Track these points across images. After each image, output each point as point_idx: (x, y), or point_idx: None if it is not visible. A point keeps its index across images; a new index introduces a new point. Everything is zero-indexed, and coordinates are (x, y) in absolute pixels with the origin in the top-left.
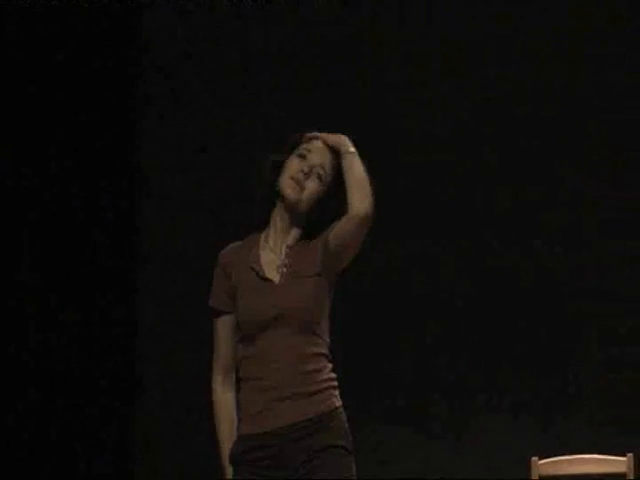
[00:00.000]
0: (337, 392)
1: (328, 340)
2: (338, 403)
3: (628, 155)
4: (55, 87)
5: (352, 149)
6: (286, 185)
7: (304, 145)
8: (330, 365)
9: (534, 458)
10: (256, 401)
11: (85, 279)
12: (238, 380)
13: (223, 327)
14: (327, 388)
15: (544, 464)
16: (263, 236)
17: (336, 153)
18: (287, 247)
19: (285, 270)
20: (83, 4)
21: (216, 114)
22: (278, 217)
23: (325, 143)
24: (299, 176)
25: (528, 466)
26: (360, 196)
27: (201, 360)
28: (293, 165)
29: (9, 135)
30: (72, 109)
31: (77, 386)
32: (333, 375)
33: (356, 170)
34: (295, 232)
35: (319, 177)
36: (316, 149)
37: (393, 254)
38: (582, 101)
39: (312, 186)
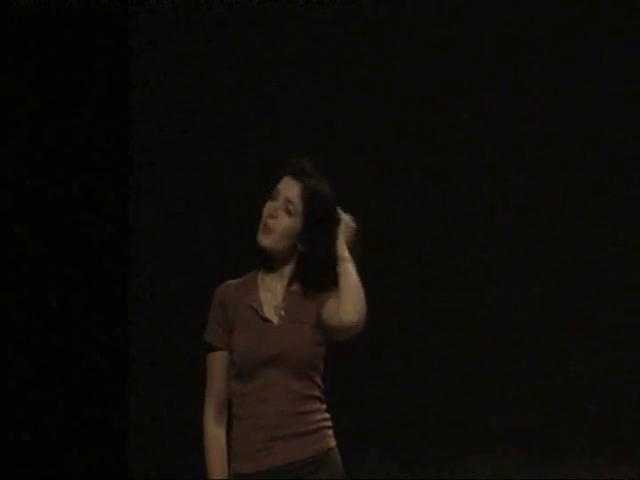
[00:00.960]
0: (331, 432)
1: (322, 386)
2: (333, 443)
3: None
4: (46, 84)
5: (346, 254)
6: (258, 232)
7: (277, 185)
8: (324, 407)
9: None
10: (251, 440)
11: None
12: (231, 417)
13: (217, 362)
14: (322, 428)
15: None
16: (260, 276)
17: (306, 179)
18: (285, 291)
19: (284, 313)
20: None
21: (210, 116)
22: (268, 261)
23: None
24: (267, 221)
25: None
26: (353, 307)
27: (198, 361)
28: (265, 210)
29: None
30: (63, 107)
31: (71, 386)
32: (327, 415)
33: (351, 279)
34: (290, 272)
35: (288, 212)
36: (284, 185)
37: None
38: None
39: (282, 224)
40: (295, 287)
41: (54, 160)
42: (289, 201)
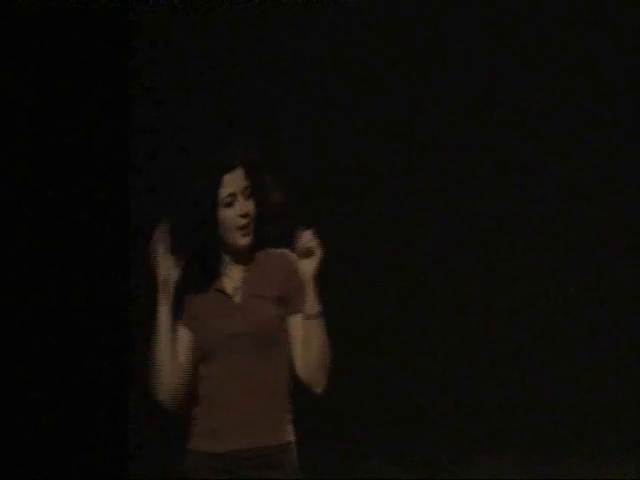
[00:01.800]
0: (292, 426)
1: (289, 371)
2: (292, 437)
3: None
4: (45, 84)
5: (317, 308)
6: (233, 238)
7: (222, 193)
8: (288, 396)
9: None
10: (211, 419)
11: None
12: (194, 398)
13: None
14: (283, 419)
15: None
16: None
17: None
18: (246, 270)
19: (245, 289)
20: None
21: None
22: (229, 254)
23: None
24: (242, 223)
25: None
26: (316, 375)
27: None
28: (229, 217)
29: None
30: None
31: (71, 387)
32: (290, 407)
33: (316, 342)
34: (249, 258)
35: (247, 196)
36: (231, 182)
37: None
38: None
39: (252, 215)
40: (257, 262)
41: (54, 160)
42: (245, 188)
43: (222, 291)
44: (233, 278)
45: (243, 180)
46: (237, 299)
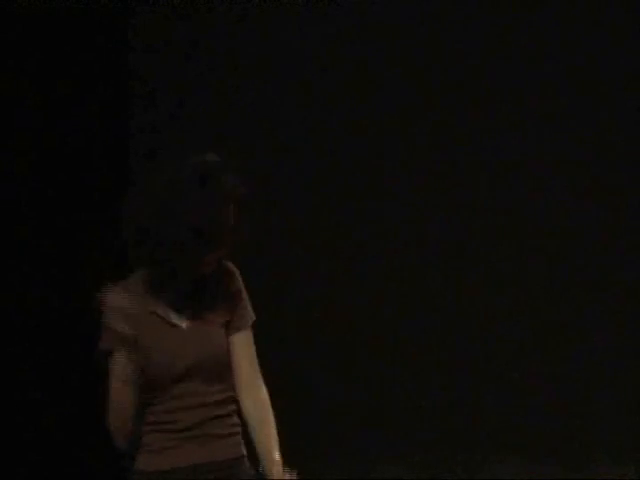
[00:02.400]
0: (242, 440)
1: (234, 385)
2: (244, 451)
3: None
4: (43, 84)
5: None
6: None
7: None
8: (236, 409)
9: None
10: (164, 439)
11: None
12: (142, 424)
13: (121, 369)
14: (236, 434)
15: None
16: (151, 278)
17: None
18: (188, 287)
19: (191, 315)
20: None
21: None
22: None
23: None
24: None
25: None
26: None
27: None
28: (223, 220)
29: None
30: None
31: (67, 387)
32: (239, 421)
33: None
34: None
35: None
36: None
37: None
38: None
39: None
40: (200, 280)
41: (53, 160)
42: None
43: (166, 317)
44: (177, 296)
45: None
46: (184, 324)
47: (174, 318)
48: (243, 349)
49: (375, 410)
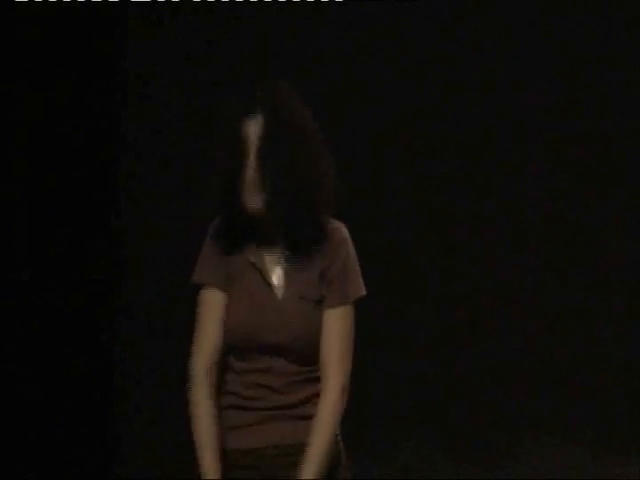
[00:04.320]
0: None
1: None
2: (337, 430)
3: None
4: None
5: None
6: (240, 194)
7: (237, 132)
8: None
9: None
10: (239, 416)
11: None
12: (218, 389)
13: (210, 304)
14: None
15: None
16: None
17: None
18: (284, 255)
19: (288, 283)
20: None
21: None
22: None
23: None
24: (252, 176)
25: None
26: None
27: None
28: (239, 169)
29: None
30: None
31: (59, 388)
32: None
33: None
34: (280, 239)
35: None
36: (249, 129)
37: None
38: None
39: (268, 173)
40: (295, 255)
41: (46, 161)
42: (260, 138)
43: (263, 270)
44: (271, 255)
45: (260, 129)
46: (280, 290)
47: (273, 278)
48: (326, 327)
49: (373, 409)
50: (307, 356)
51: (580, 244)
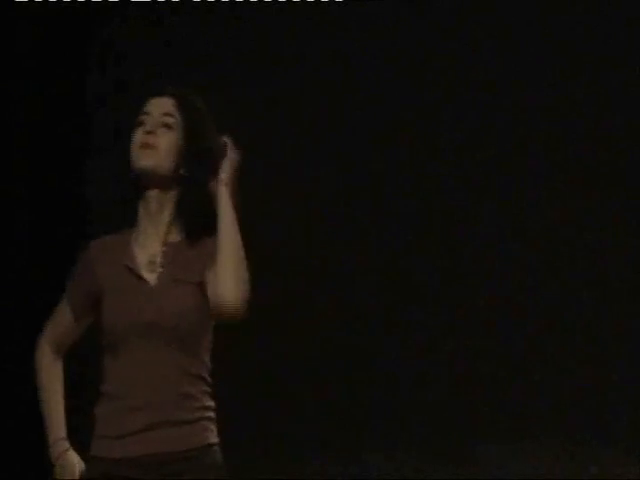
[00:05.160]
0: (214, 426)
1: (209, 364)
2: (214, 439)
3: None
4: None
5: (230, 211)
6: (135, 157)
7: (140, 114)
8: (209, 391)
9: None
10: (120, 422)
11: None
12: (99, 394)
13: (64, 314)
14: (204, 419)
15: None
16: (135, 230)
17: (176, 92)
18: (164, 244)
19: (162, 270)
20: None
21: None
22: (143, 208)
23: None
24: (145, 139)
25: None
26: (230, 284)
27: None
28: (136, 136)
29: None
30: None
31: None
32: (212, 404)
33: (231, 247)
34: (169, 215)
35: (167, 126)
36: (153, 104)
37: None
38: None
39: (164, 139)
40: (176, 237)
41: (46, 161)
42: (166, 114)
43: (135, 269)
44: (150, 249)
45: (171, 107)
46: (153, 281)
47: (142, 270)
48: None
49: (372, 408)
50: (180, 340)
51: (580, 244)
